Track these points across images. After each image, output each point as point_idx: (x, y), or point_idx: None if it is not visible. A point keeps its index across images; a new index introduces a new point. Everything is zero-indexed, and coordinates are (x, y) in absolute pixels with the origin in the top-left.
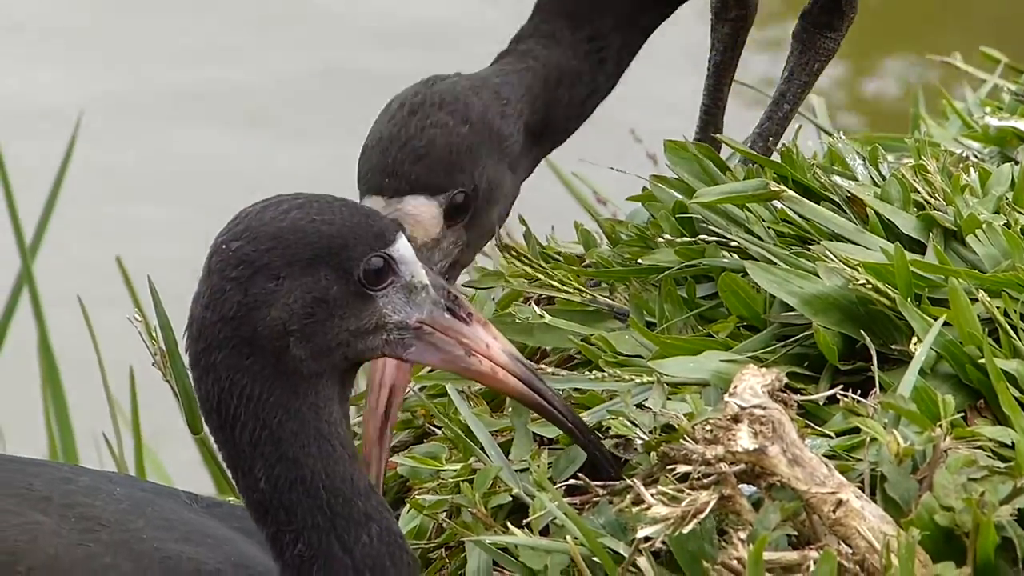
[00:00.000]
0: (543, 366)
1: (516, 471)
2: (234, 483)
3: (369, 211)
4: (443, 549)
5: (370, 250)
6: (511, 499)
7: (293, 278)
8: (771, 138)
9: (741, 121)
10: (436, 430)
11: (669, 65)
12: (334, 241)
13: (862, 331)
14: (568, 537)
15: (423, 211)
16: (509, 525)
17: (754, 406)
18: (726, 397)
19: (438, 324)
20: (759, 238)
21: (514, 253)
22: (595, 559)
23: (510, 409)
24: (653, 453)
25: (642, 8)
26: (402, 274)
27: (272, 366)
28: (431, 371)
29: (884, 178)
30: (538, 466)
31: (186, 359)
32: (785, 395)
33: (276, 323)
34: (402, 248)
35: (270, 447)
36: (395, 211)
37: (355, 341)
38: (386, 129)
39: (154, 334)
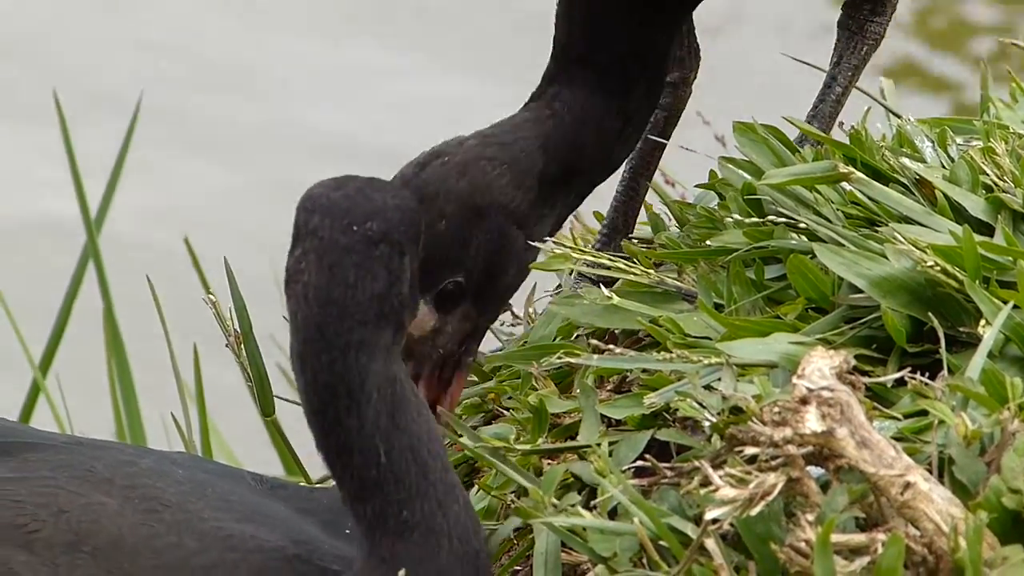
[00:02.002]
0: (612, 347)
1: (583, 452)
2: (340, 466)
3: None
4: (512, 531)
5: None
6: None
7: (413, 255)
8: (823, 123)
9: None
10: (504, 411)
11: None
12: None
13: (930, 313)
14: (635, 519)
15: (422, 313)
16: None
17: (822, 388)
18: (794, 379)
19: None
20: (827, 220)
21: (583, 236)
22: (663, 543)
23: (578, 391)
24: (721, 435)
25: (653, 44)
26: None
27: (391, 340)
28: (499, 351)
29: (952, 160)
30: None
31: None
32: (853, 377)
33: (404, 299)
34: None
35: (386, 419)
36: None
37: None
38: None
39: (228, 316)
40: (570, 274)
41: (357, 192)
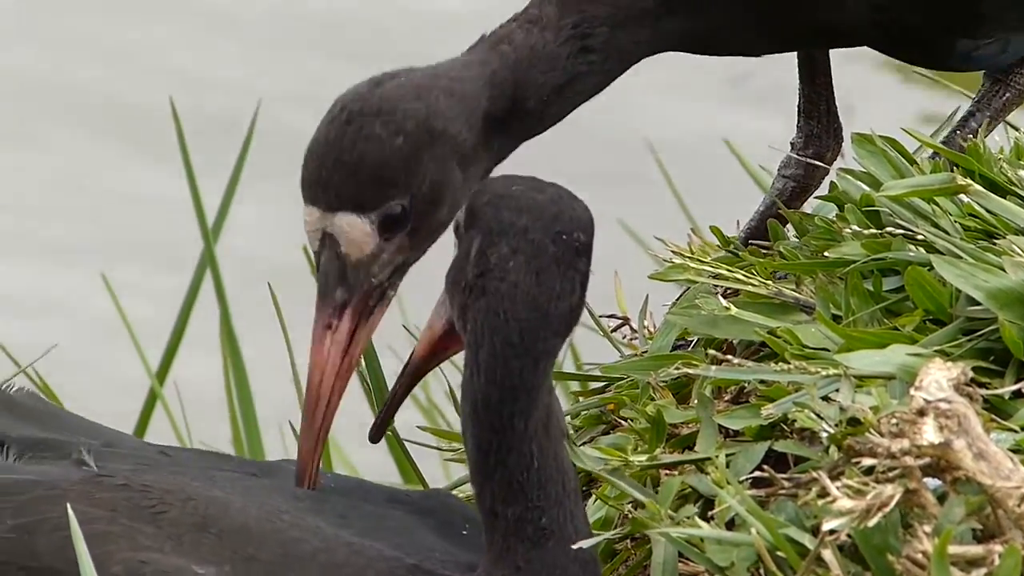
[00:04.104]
0: (729, 357)
1: (701, 463)
2: (492, 468)
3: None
4: (628, 540)
5: None
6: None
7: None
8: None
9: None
10: (622, 422)
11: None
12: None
13: None
14: (753, 530)
15: (353, 228)
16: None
17: (940, 400)
18: (912, 391)
19: None
20: (945, 232)
21: (701, 247)
22: (780, 553)
23: (695, 401)
24: (838, 446)
25: (640, 17)
26: None
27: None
28: (618, 362)
29: None
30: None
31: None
32: (971, 389)
33: (583, 307)
34: None
35: (541, 427)
36: (329, 225)
37: None
38: (323, 137)
39: None
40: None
41: (561, 199)
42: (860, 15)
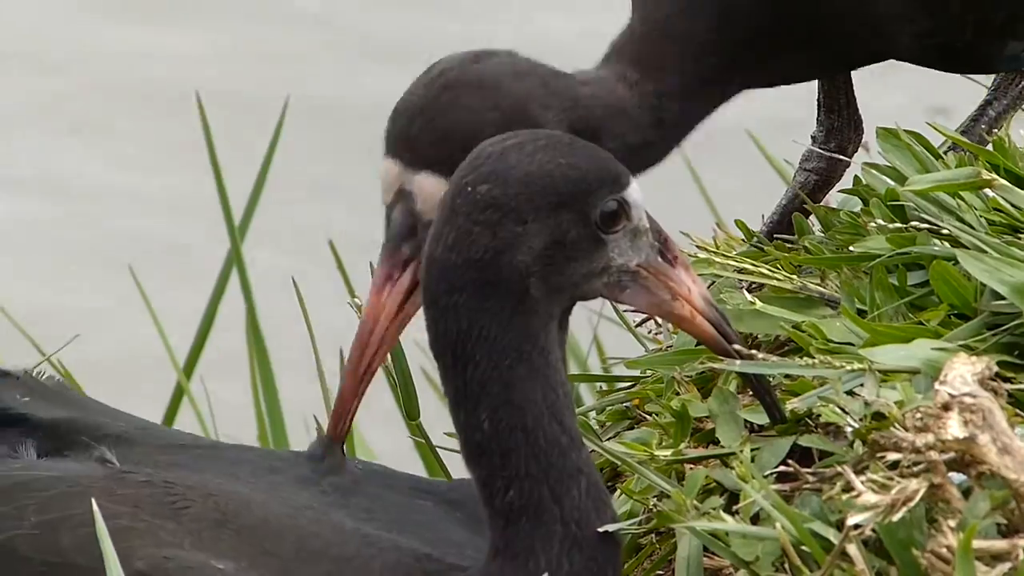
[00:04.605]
0: (753, 351)
1: (725, 457)
2: (454, 424)
3: (605, 153)
4: (653, 534)
5: (608, 194)
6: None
7: (539, 222)
8: (973, 140)
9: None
10: (647, 416)
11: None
12: (578, 186)
13: None
14: (778, 524)
15: (434, 188)
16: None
17: (964, 394)
18: (936, 385)
19: (652, 268)
20: (970, 226)
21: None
22: (804, 548)
23: (717, 396)
24: (863, 440)
25: (710, 81)
26: (632, 218)
27: (511, 308)
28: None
29: None
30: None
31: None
32: (995, 384)
33: (520, 266)
34: (634, 192)
35: (498, 389)
36: (408, 182)
37: (583, 283)
38: (418, 97)
39: None
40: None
41: (500, 154)
42: (908, 44)
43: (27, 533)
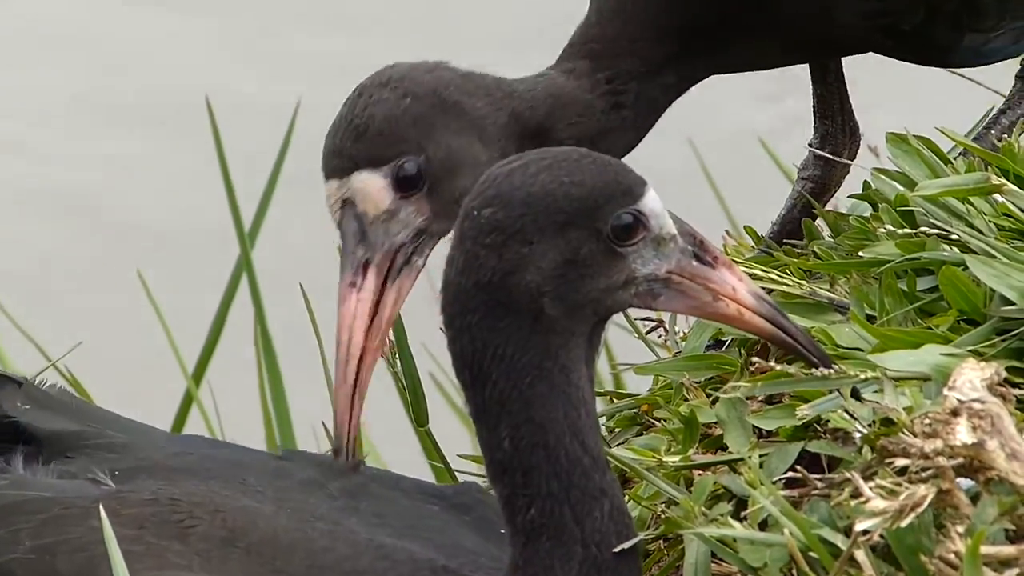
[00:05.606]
0: (762, 360)
1: (734, 463)
2: (479, 440)
3: (617, 166)
4: (661, 541)
5: (619, 207)
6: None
7: (545, 241)
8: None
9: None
10: (656, 422)
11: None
12: (584, 203)
13: None
14: (786, 530)
15: (368, 183)
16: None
17: (973, 400)
18: (945, 391)
19: (686, 272)
20: (980, 232)
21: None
22: (813, 554)
23: (723, 403)
24: (871, 447)
25: (665, 63)
26: (652, 228)
27: (527, 327)
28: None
29: None
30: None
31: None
32: (1004, 389)
33: (531, 285)
34: (651, 202)
35: (518, 407)
36: (346, 190)
37: (605, 297)
38: (339, 115)
39: None
40: None
41: (505, 176)
42: (854, 26)
43: (22, 558)
